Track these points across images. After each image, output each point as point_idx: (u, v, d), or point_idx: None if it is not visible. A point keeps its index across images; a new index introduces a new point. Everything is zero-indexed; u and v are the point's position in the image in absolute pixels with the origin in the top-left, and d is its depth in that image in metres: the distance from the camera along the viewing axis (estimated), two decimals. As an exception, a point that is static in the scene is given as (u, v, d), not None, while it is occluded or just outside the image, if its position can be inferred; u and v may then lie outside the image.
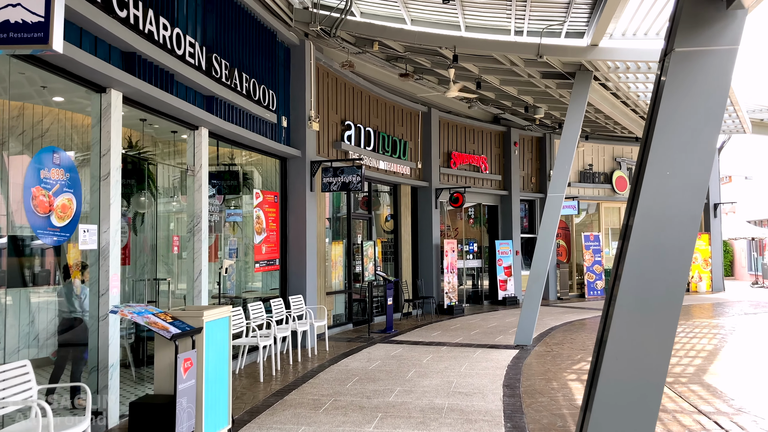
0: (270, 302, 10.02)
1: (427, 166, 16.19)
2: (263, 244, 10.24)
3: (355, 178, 10.73)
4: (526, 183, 19.77)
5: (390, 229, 15.66)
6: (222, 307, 5.81)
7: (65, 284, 6.37)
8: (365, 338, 11.91)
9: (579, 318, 14.97)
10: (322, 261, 12.01)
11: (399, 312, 15.16)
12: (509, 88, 13.49)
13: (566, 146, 10.82)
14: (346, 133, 12.90)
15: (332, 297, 12.77)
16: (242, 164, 10.65)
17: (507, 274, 18.47)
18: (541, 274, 10.87)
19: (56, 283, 6.38)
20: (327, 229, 13.28)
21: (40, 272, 6.26)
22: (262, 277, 10.94)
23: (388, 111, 14.91)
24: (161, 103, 7.11)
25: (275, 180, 11.06)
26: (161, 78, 7.14)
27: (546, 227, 10.80)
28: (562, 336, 12.13)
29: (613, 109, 12.96)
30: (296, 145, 10.99)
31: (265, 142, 9.92)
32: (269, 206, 10.46)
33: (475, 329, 13.09)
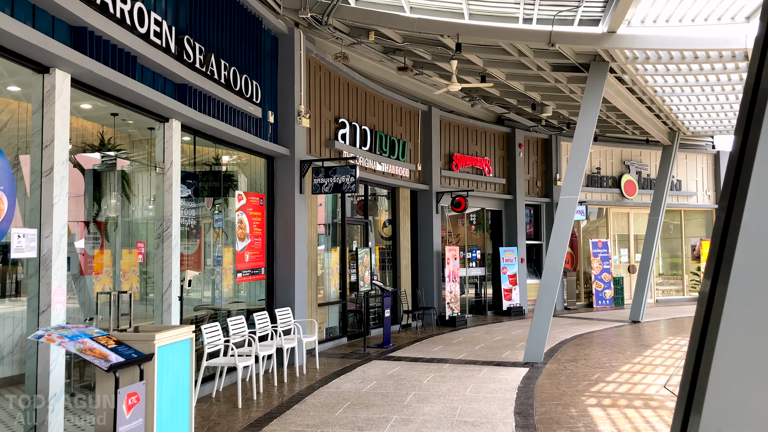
0: (254, 316, 9.04)
1: (428, 169, 15.24)
2: (247, 251, 9.27)
3: (348, 178, 9.77)
4: (532, 187, 18.82)
5: (388, 235, 14.70)
6: (181, 328, 4.84)
7: None
8: (360, 354, 10.93)
9: (590, 330, 13.99)
10: (314, 270, 11.04)
11: (398, 324, 14.18)
12: (515, 83, 12.55)
13: (580, 144, 9.87)
14: (340, 131, 11.95)
15: (324, 309, 11.80)
16: (224, 163, 9.70)
17: (512, 282, 17.49)
18: (553, 285, 9.90)
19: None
20: (323, 235, 12.33)
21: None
22: (250, 287, 9.98)
23: (386, 109, 13.97)
24: (122, 89, 6.16)
25: (261, 181, 10.10)
26: (121, 60, 6.19)
27: (558, 233, 9.84)
28: (575, 351, 11.15)
29: (629, 105, 12.03)
30: (284, 142, 10.04)
31: (249, 138, 8.97)
32: (254, 210, 9.50)
33: (479, 343, 12.11)
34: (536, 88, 13.03)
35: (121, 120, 7.95)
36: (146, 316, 7.32)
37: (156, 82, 6.93)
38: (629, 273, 20.97)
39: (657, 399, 7.68)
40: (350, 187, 9.76)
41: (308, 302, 10.75)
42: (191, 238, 9.22)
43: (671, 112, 13.24)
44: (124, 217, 8.17)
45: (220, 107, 8.31)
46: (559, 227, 9.84)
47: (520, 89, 12.83)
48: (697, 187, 22.21)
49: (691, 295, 22.01)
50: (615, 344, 12.00)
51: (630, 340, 12.68)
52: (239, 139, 8.77)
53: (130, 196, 8.19)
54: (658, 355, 10.85)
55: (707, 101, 12.49)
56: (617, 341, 12.45)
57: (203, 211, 9.81)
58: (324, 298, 11.96)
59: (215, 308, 9.98)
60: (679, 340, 12.40)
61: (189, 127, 7.91)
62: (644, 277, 15.52)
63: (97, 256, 7.44)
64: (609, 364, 9.88)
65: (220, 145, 8.95)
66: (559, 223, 9.85)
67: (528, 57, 10.37)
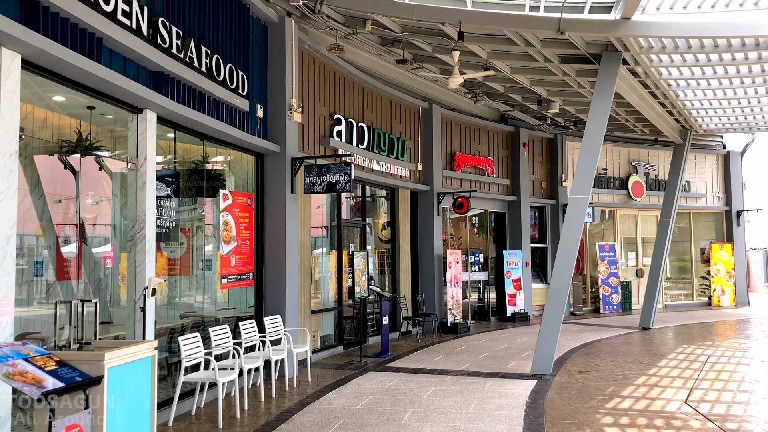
0: (240, 325, 8.37)
1: (428, 168, 14.57)
2: (233, 255, 8.61)
3: (342, 177, 9.11)
4: (536, 188, 18.14)
5: (387, 238, 14.04)
6: (140, 344, 4.17)
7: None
8: (356, 364, 10.26)
9: (598, 338, 13.29)
10: (307, 275, 10.37)
11: (397, 331, 13.50)
12: (521, 77, 11.89)
13: (591, 139, 9.21)
14: (335, 128, 11.29)
15: (319, 316, 11.12)
16: (210, 161, 9.04)
17: (516, 287, 16.80)
18: (563, 291, 9.22)
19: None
20: (323, 238, 11.68)
21: None
22: (242, 293, 9.32)
23: (385, 106, 13.32)
24: (85, 74, 5.51)
25: (249, 179, 9.45)
26: (83, 41, 5.54)
27: (568, 235, 9.16)
28: (585, 361, 10.46)
29: (641, 100, 11.36)
30: (274, 138, 9.38)
31: (236, 133, 8.32)
32: (241, 210, 8.83)
33: (483, 352, 11.42)
34: (542, 83, 12.36)
35: (99, 114, 7.33)
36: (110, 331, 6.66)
37: (127, 69, 6.27)
38: (637, 277, 20.28)
39: (679, 417, 7.00)
40: (345, 186, 9.10)
41: (301, 309, 10.08)
42: (176, 241, 8.58)
43: (684, 108, 12.57)
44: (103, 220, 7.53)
45: (201, 98, 7.65)
46: (569, 229, 9.17)
47: (525, 84, 12.17)
48: (706, 188, 21.52)
49: (701, 299, 21.31)
50: (627, 353, 11.31)
51: (642, 348, 11.99)
52: (224, 133, 8.12)
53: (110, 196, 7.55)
54: (674, 365, 10.16)
55: (723, 95, 11.81)
56: (629, 350, 11.76)
57: (193, 213, 9.17)
58: (319, 305, 11.29)
59: (203, 315, 9.33)
60: (694, 349, 11.71)
61: (168, 120, 7.26)
62: (655, 282, 14.83)
63: (74, 260, 6.80)
64: (623, 376, 9.19)
65: (204, 141, 8.29)
66: (569, 225, 9.18)
67: (535, 47, 9.70)
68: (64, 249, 6.64)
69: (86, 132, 7.24)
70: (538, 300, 17.98)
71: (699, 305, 20.93)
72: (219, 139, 8.37)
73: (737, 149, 21.57)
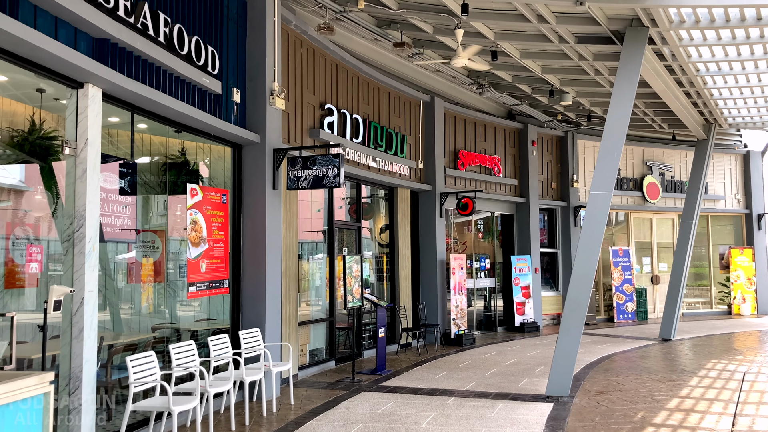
0: (209, 341, 7.24)
1: (430, 166, 13.44)
2: (203, 259, 7.48)
3: (330, 170, 7.98)
4: (546, 189, 16.99)
5: (385, 241, 12.91)
6: (29, 378, 3.03)
7: None
8: (348, 383, 9.11)
9: (616, 351, 12.12)
10: (293, 282, 9.24)
11: (396, 343, 12.34)
12: (531, 63, 10.76)
13: (614, 127, 8.07)
14: (326, 119, 10.18)
15: (308, 328, 9.98)
16: (180, 151, 7.94)
17: (525, 295, 15.64)
18: (582, 301, 8.07)
19: None
20: (320, 243, 10.58)
21: None
22: (223, 302, 8.21)
23: (382, 97, 12.21)
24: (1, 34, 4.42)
25: (225, 173, 8.34)
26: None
27: (589, 236, 8.01)
28: (605, 379, 9.29)
29: (666, 87, 10.22)
30: (253, 127, 8.27)
31: (206, 119, 7.21)
32: (213, 208, 7.71)
33: (490, 368, 10.26)
34: (555, 70, 11.23)
35: (53, 99, 6.26)
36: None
37: (59, 32, 5.17)
38: (652, 284, 19.09)
39: (729, 453, 5.84)
40: (333, 180, 7.97)
41: (286, 321, 8.95)
42: (148, 245, 7.49)
43: (711, 98, 11.43)
44: (55, 218, 6.44)
45: (162, 75, 6.55)
46: (590, 229, 8.02)
47: (536, 71, 11.03)
48: (725, 190, 20.33)
49: (719, 308, 20.10)
50: (651, 369, 10.14)
51: (667, 363, 10.81)
52: (192, 118, 7.01)
53: (54, 190, 6.45)
54: (708, 384, 8.99)
55: (758, 82, 10.65)
56: (652, 365, 10.58)
57: (165, 212, 8.08)
58: (307, 316, 10.16)
59: (178, 328, 8.22)
60: (726, 365, 10.52)
61: (121, 100, 6.16)
62: (676, 289, 13.65)
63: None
64: (651, 398, 8.02)
65: (176, 131, 7.19)
66: (590, 225, 8.03)
67: (549, 24, 8.58)
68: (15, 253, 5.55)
69: (40, 120, 6.19)
70: (549, 309, 16.80)
71: (718, 314, 19.72)
72: (187, 125, 7.27)
73: (758, 149, 20.39)
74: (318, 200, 10.74)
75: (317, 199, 10.72)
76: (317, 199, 10.72)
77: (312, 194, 10.56)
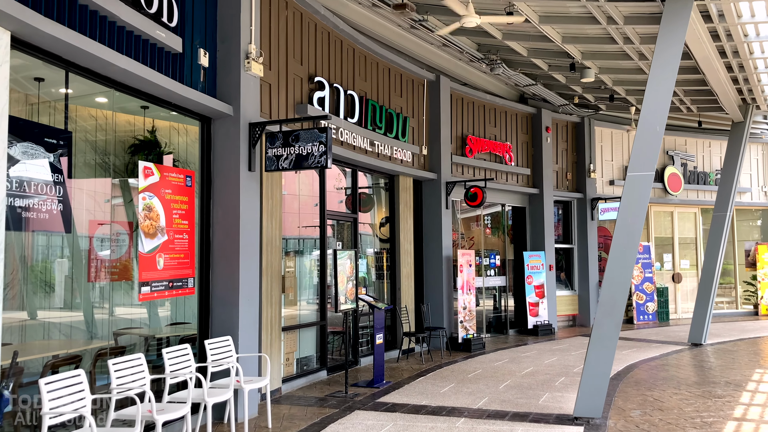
0: (164, 353, 5.93)
1: (435, 153, 12.12)
2: (160, 253, 6.18)
3: (316, 148, 6.66)
4: (561, 180, 15.63)
5: (386, 236, 11.59)
6: None
7: None
8: (340, 398, 7.81)
9: (644, 358, 10.80)
10: (276, 281, 7.94)
11: (397, 349, 11.03)
12: (550, 29, 9.42)
13: (656, 96, 6.74)
14: (316, 94, 8.87)
15: (294, 334, 8.68)
16: (145, 130, 6.65)
17: (539, 295, 14.30)
18: (618, 303, 6.74)
19: None
20: (311, 238, 9.31)
21: None
22: (196, 304, 6.93)
23: (382, 74, 10.88)
24: None
25: (191, 151, 7.04)
26: None
27: (626, 225, 6.68)
28: (640, 394, 7.96)
29: (708, 56, 8.87)
30: (226, 96, 6.96)
31: (162, 81, 5.91)
32: (174, 192, 6.41)
33: (504, 378, 8.95)
34: (578, 39, 9.88)
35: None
36: None
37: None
38: (674, 282, 17.74)
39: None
40: (319, 160, 6.65)
41: (266, 326, 7.65)
42: (111, 237, 6.21)
43: (755, 72, 10.06)
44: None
45: (99, 23, 5.24)
46: (627, 218, 6.69)
47: (556, 40, 9.68)
48: (750, 182, 18.95)
49: (745, 308, 18.75)
50: (690, 381, 8.81)
51: (706, 374, 9.47)
52: (143, 80, 5.71)
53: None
54: (763, 401, 7.65)
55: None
56: (690, 376, 9.25)
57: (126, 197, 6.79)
58: (294, 319, 8.86)
59: (146, 335, 6.93)
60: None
61: (46, 52, 4.86)
62: (708, 289, 12.29)
63: None
64: (700, 420, 6.69)
65: (117, 90, 5.88)
66: (627, 213, 6.70)
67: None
68: None
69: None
70: (564, 310, 15.48)
71: (744, 314, 18.37)
72: (137, 89, 5.96)
73: (789, 137, 18.99)
74: (307, 188, 9.43)
75: (306, 189, 9.42)
76: (306, 189, 9.42)
77: (300, 182, 9.27)
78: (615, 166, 16.73)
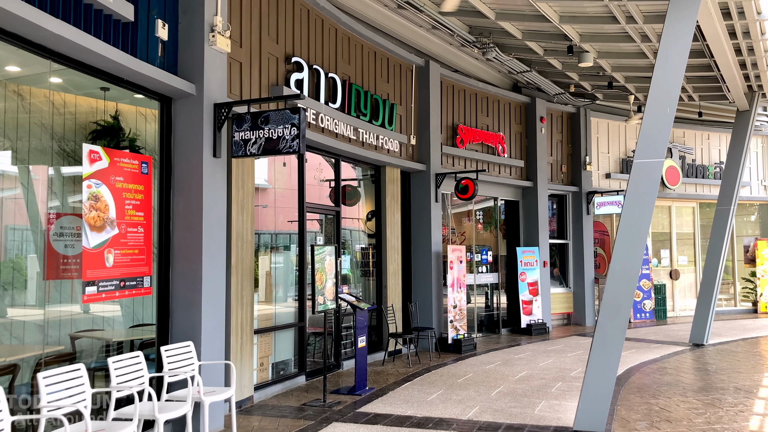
0: (110, 362, 5.22)
1: (425, 143, 11.43)
2: (108, 248, 5.47)
3: (288, 131, 5.96)
4: (555, 172, 14.98)
5: (371, 231, 10.91)
6: None
7: None
8: (318, 407, 7.12)
9: (645, 360, 10.18)
10: (248, 279, 7.24)
11: (382, 351, 10.36)
12: (546, 7, 8.74)
13: (668, 72, 6.09)
14: (293, 75, 8.15)
15: (269, 336, 7.98)
16: (107, 114, 5.94)
17: (532, 292, 13.67)
18: (624, 304, 6.09)
19: None
20: (285, 234, 8.62)
21: None
22: (153, 305, 6.21)
23: (367, 57, 10.18)
24: None
25: (149, 135, 6.32)
26: None
27: (631, 218, 6.02)
28: (644, 402, 7.32)
29: (718, 34, 8.23)
30: (188, 74, 6.24)
31: (112, 54, 5.19)
32: (127, 180, 5.70)
33: (496, 384, 8.29)
34: (576, 19, 9.20)
35: None
36: None
37: None
38: (671, 279, 17.15)
39: None
40: (291, 144, 5.95)
41: (236, 329, 6.95)
42: (69, 232, 5.50)
43: (765, 54, 9.43)
44: None
45: (30, -19, 4.53)
46: (633, 209, 6.03)
47: (553, 19, 9.01)
48: (750, 175, 18.37)
49: (743, 305, 18.18)
50: (696, 387, 8.17)
51: (713, 378, 8.84)
52: (86, 50, 4.98)
53: None
54: (778, 410, 7.03)
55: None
56: (696, 381, 8.62)
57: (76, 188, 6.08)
58: (269, 321, 8.16)
59: (106, 340, 6.23)
60: (786, 380, 8.58)
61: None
62: (710, 287, 11.68)
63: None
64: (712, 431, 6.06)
65: (55, 62, 5.16)
66: (633, 204, 6.04)
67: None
68: None
69: None
70: (558, 308, 14.85)
71: (742, 312, 17.81)
72: (81, 62, 5.23)
73: (790, 129, 18.43)
74: (285, 179, 8.73)
75: (284, 180, 8.71)
76: (284, 180, 8.71)
77: (277, 171, 8.56)
78: (611, 158, 16.10)
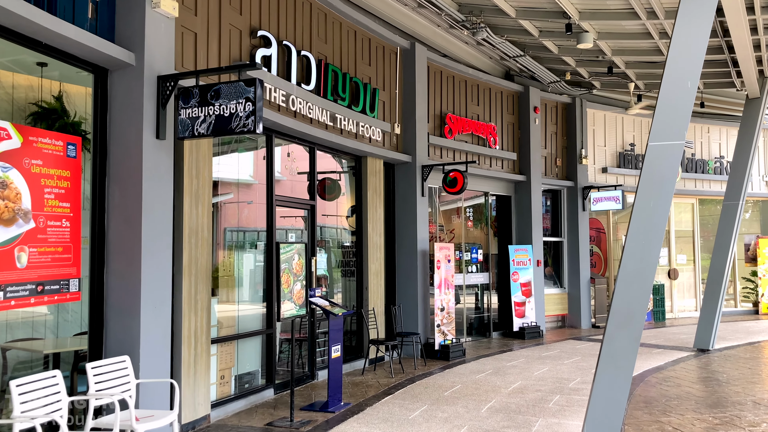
0: (12, 385, 4.30)
1: (410, 132, 10.54)
2: (22, 245, 4.54)
3: (242, 107, 5.04)
4: (550, 166, 14.14)
5: (352, 227, 10.01)
6: None
7: None
8: (285, 427, 6.22)
9: (649, 367, 9.36)
10: (204, 282, 6.31)
11: (362, 358, 9.46)
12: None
13: (687, 40, 5.21)
14: (259, 51, 7.23)
15: (231, 345, 7.06)
16: (49, 95, 5.01)
17: (525, 293, 12.81)
18: (638, 310, 5.21)
19: None
20: (252, 230, 7.70)
21: None
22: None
23: (346, 36, 9.27)
24: None
25: (81, 112, 5.40)
26: None
27: (644, 211, 5.15)
28: (653, 419, 6.46)
29: (736, 10, 7.41)
30: (125, 41, 5.31)
31: (23, 11, 4.25)
32: (48, 164, 4.77)
33: (487, 398, 7.41)
34: (576, -7, 8.36)
35: None
36: None
37: None
38: (670, 279, 16.36)
39: None
40: (245, 122, 5.02)
41: (189, 338, 6.03)
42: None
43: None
44: None
45: None
46: (647, 199, 5.16)
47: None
48: (750, 170, 17.55)
49: (744, 306, 17.43)
50: (709, 401, 7.33)
51: (725, 390, 8.00)
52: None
53: None
54: (807, 430, 6.18)
55: None
56: (708, 393, 7.78)
57: None
58: (231, 328, 7.23)
59: (45, 351, 5.31)
60: (807, 392, 7.74)
61: None
62: (717, 288, 10.88)
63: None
64: (739, 461, 5.20)
65: None
66: (647, 192, 5.18)
67: None
68: None
69: None
70: (552, 309, 14.01)
71: (743, 313, 17.07)
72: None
73: (792, 123, 17.65)
74: (250, 167, 7.81)
75: (248, 168, 7.79)
76: (248, 168, 7.79)
77: (240, 159, 7.64)
78: (609, 152, 15.27)
